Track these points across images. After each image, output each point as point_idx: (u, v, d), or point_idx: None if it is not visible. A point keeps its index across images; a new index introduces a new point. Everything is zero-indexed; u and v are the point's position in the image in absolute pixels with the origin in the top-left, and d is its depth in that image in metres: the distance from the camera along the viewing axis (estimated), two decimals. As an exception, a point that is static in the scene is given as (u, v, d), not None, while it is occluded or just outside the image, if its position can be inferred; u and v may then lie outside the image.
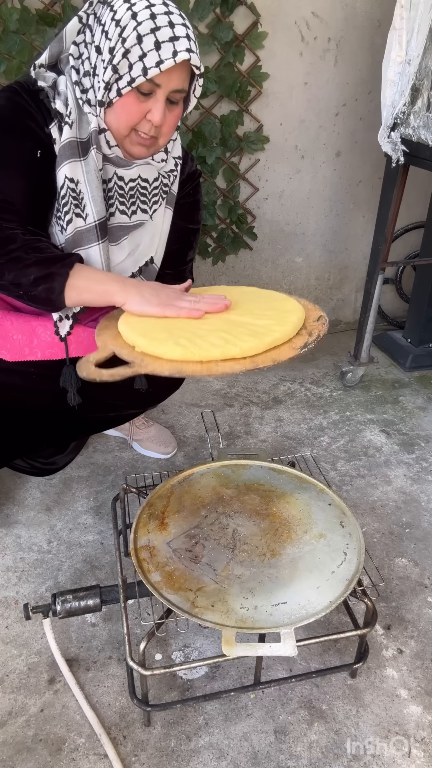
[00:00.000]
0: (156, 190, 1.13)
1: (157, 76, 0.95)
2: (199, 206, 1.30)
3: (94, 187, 1.05)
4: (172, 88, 0.99)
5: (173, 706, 1.01)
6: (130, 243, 1.14)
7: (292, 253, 2.28)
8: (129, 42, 0.93)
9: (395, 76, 1.54)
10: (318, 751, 0.97)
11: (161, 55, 0.94)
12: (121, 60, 0.94)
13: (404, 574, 1.31)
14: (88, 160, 1.03)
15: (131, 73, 0.95)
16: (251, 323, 0.97)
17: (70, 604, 1.00)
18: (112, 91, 0.98)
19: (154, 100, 0.99)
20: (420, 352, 2.17)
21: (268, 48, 1.84)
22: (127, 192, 1.09)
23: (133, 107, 0.99)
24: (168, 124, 1.03)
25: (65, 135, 1.01)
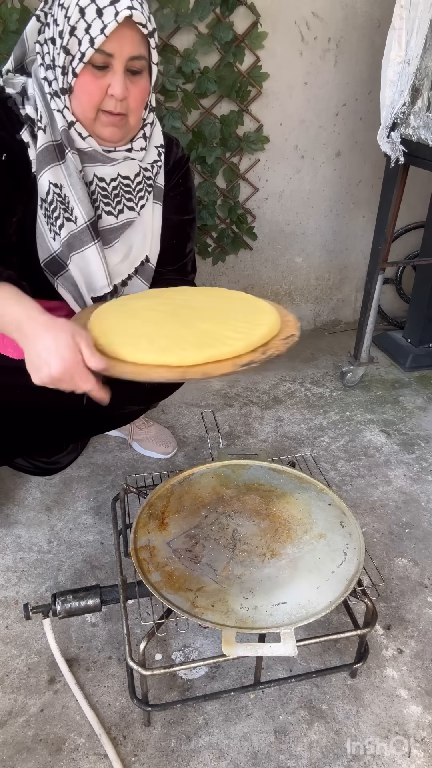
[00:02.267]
0: (140, 185, 1.11)
1: (107, 44, 0.92)
2: (191, 194, 1.26)
3: (78, 188, 1.03)
4: (127, 55, 0.95)
5: (173, 706, 1.01)
6: (123, 245, 1.13)
7: (292, 253, 2.28)
8: (73, 19, 0.91)
9: (395, 76, 1.54)
10: (318, 751, 0.97)
11: (104, 20, 0.91)
12: (69, 39, 0.92)
13: (404, 574, 1.31)
14: (67, 163, 1.02)
15: (80, 49, 0.93)
16: (212, 331, 0.94)
17: (70, 604, 1.00)
18: (69, 74, 0.96)
19: (112, 72, 0.95)
20: (420, 352, 2.17)
21: (268, 48, 1.84)
22: (110, 192, 1.07)
23: (91, 85, 0.96)
24: (134, 97, 0.99)
25: (41, 140, 1.00)
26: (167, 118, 1.81)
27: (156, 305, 1.04)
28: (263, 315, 1.02)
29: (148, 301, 1.06)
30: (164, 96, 1.80)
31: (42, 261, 1.08)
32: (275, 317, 1.02)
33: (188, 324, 0.96)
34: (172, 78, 1.76)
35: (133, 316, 0.99)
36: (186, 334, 0.93)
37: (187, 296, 1.09)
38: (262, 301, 1.09)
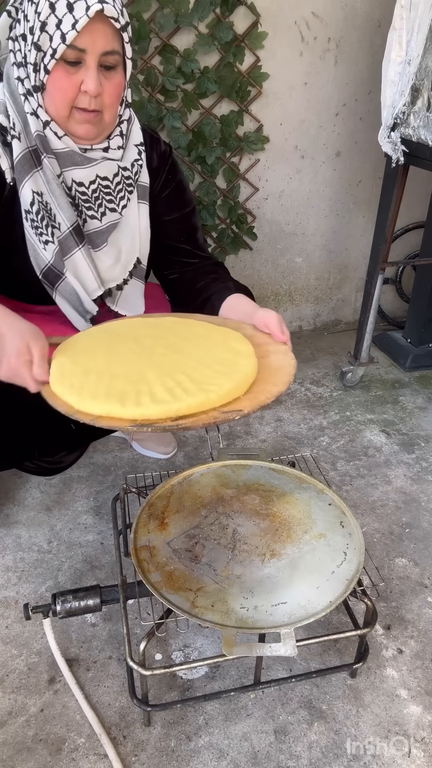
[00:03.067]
0: (119, 185, 1.09)
1: (78, 39, 0.90)
2: (184, 185, 1.24)
3: (58, 195, 1.02)
4: (100, 50, 0.93)
5: (173, 706, 1.01)
6: (112, 248, 1.12)
7: (292, 253, 2.28)
8: (44, 14, 0.90)
9: (395, 76, 1.54)
10: (318, 751, 0.97)
11: (75, 15, 0.89)
12: (40, 35, 0.91)
13: (404, 574, 1.31)
14: (44, 169, 1.00)
15: (52, 45, 0.91)
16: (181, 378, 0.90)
17: (70, 604, 1.00)
18: (41, 71, 0.94)
19: (85, 68, 0.93)
20: (420, 352, 2.17)
21: (268, 48, 1.84)
22: (91, 196, 1.06)
23: (64, 82, 0.94)
24: (108, 93, 0.97)
25: (17, 149, 0.98)
26: (167, 118, 1.81)
27: (132, 342, 1.01)
28: (235, 374, 0.93)
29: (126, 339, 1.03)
30: (164, 96, 1.80)
31: (39, 273, 1.07)
32: (248, 373, 0.94)
33: (165, 360, 0.94)
34: (172, 78, 1.76)
35: (102, 351, 0.98)
36: (142, 379, 0.89)
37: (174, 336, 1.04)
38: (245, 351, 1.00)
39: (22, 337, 0.91)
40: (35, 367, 0.90)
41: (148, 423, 0.80)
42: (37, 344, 0.91)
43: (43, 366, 0.91)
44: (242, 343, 1.02)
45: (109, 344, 1.01)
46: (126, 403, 0.84)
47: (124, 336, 1.04)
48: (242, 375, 0.92)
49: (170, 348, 0.99)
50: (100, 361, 0.95)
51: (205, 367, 0.93)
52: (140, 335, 1.04)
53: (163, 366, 0.93)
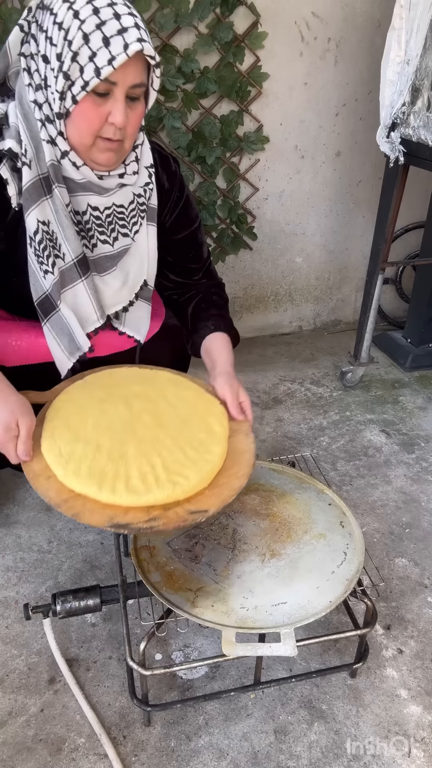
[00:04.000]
0: (133, 211, 1.08)
1: (112, 74, 0.89)
2: (191, 202, 1.23)
3: (65, 226, 1.00)
4: (130, 83, 0.92)
5: (173, 706, 1.01)
6: (120, 272, 1.11)
7: (292, 253, 2.28)
8: (76, 44, 0.87)
9: (394, 76, 1.54)
10: (318, 751, 0.97)
11: (112, 50, 0.87)
12: (71, 65, 0.88)
13: (404, 574, 1.31)
14: (54, 198, 0.98)
15: (83, 77, 0.89)
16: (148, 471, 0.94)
17: (70, 604, 1.00)
18: (67, 100, 0.91)
19: (113, 100, 0.92)
20: (420, 352, 2.17)
21: (268, 48, 1.84)
22: (105, 221, 1.05)
23: (91, 112, 0.92)
24: (132, 123, 0.97)
25: (27, 177, 0.96)
26: (167, 118, 1.81)
27: (122, 404, 1.05)
28: (209, 453, 0.99)
29: (117, 398, 1.07)
30: (164, 96, 1.80)
31: (35, 300, 1.06)
32: (218, 457, 0.99)
33: (147, 439, 0.99)
34: (172, 78, 1.76)
35: (93, 411, 1.02)
36: (120, 468, 0.94)
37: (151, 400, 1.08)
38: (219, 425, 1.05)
39: (12, 412, 0.95)
40: (20, 443, 0.95)
41: (124, 525, 0.87)
42: (24, 421, 0.96)
43: (27, 444, 0.96)
44: (220, 421, 1.06)
45: (101, 403, 1.05)
46: (103, 486, 0.90)
47: (116, 394, 1.08)
48: (209, 467, 0.96)
49: (155, 418, 1.04)
50: (89, 426, 0.99)
51: (179, 450, 0.98)
52: (132, 395, 1.08)
53: (144, 442, 0.98)
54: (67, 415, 1.01)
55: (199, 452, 0.97)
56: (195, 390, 1.13)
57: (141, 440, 0.98)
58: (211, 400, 1.11)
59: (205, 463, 0.95)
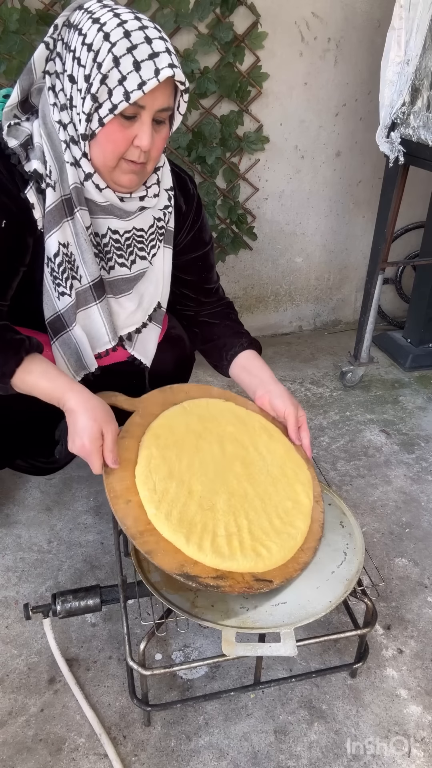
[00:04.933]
0: (152, 235, 1.09)
1: (141, 98, 0.88)
2: (205, 222, 1.23)
3: (84, 249, 1.00)
4: (158, 107, 0.91)
5: (173, 706, 1.01)
6: (135, 294, 1.11)
7: (292, 253, 2.28)
8: (105, 66, 0.86)
9: (394, 76, 1.54)
10: (318, 751, 0.97)
11: (142, 75, 0.86)
12: (99, 87, 0.87)
13: (404, 574, 1.31)
14: (75, 220, 0.98)
15: (112, 99, 0.88)
16: (253, 525, 0.97)
17: (70, 604, 1.00)
18: (94, 122, 0.91)
19: (140, 123, 0.91)
20: (420, 352, 2.17)
21: (268, 48, 1.84)
22: (123, 243, 1.05)
23: (118, 135, 0.91)
24: (156, 146, 0.96)
25: (50, 198, 0.95)
26: (167, 118, 1.81)
27: (216, 444, 1.07)
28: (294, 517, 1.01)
29: (212, 437, 1.08)
30: (164, 96, 1.80)
31: (47, 319, 1.06)
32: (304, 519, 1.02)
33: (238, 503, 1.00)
34: (172, 78, 1.76)
35: (189, 447, 1.04)
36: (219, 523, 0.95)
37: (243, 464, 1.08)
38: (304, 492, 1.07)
39: (95, 420, 0.94)
40: (108, 453, 0.95)
41: (193, 576, 0.88)
42: (109, 429, 0.96)
43: (114, 452, 0.96)
44: (306, 491, 1.07)
45: (197, 439, 1.06)
46: (190, 540, 0.91)
47: (212, 430, 1.09)
48: (292, 543, 0.98)
49: (246, 468, 1.05)
50: (184, 463, 1.01)
51: (266, 516, 0.99)
52: (226, 435, 1.10)
53: (234, 496, 1.00)
54: (165, 445, 1.02)
55: (284, 523, 0.99)
56: (285, 444, 1.15)
57: (231, 493, 1.00)
58: (299, 462, 1.12)
59: (288, 538, 0.97)
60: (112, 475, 0.96)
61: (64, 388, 0.96)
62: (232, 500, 0.99)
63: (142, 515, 0.93)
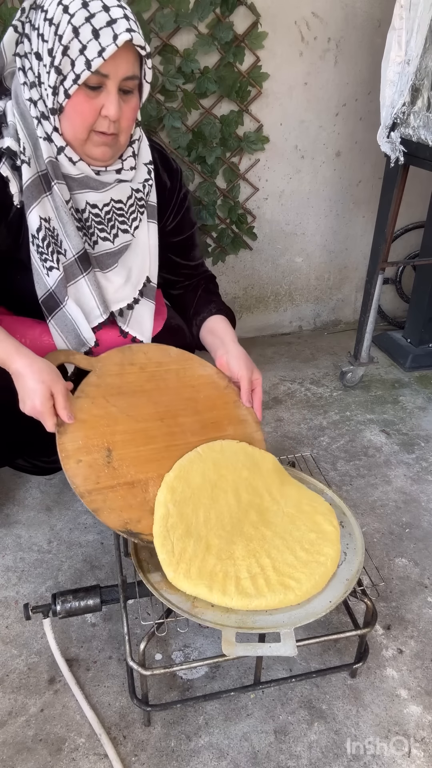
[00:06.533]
0: (132, 207, 1.09)
1: (103, 66, 0.89)
2: (190, 205, 1.25)
3: (66, 221, 1.01)
4: (122, 75, 0.93)
5: (173, 706, 1.01)
6: (122, 268, 1.12)
7: (292, 253, 2.28)
8: (66, 38, 0.88)
9: (394, 76, 1.54)
10: (318, 751, 0.97)
11: (101, 42, 0.88)
12: (62, 59, 0.89)
13: (404, 574, 1.31)
14: (53, 195, 0.99)
15: (75, 70, 0.90)
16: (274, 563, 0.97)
17: (70, 604, 1.00)
18: (60, 95, 0.92)
19: (106, 93, 0.93)
20: (420, 352, 2.17)
21: (268, 48, 1.84)
22: (104, 218, 1.05)
23: (84, 106, 0.93)
24: (126, 117, 0.97)
25: (26, 174, 0.97)
26: (167, 118, 1.81)
27: (231, 494, 1.07)
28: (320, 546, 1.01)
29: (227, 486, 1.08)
30: (164, 96, 1.80)
31: (40, 298, 1.07)
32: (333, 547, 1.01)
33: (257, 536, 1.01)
34: (172, 78, 1.76)
35: (205, 498, 1.04)
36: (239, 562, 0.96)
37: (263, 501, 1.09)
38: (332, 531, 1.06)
39: (43, 382, 0.96)
40: (62, 410, 0.98)
41: (135, 533, 0.95)
42: (58, 388, 0.97)
43: (67, 408, 0.98)
44: (329, 520, 1.06)
45: (212, 488, 1.06)
46: (213, 588, 0.92)
47: (228, 478, 1.09)
48: (322, 569, 0.96)
49: (262, 516, 1.06)
50: (200, 517, 1.01)
51: (289, 550, 0.99)
52: (240, 482, 1.09)
53: (252, 541, 1.00)
54: (181, 500, 1.02)
55: (311, 553, 0.99)
56: (295, 485, 1.15)
57: (249, 539, 1.00)
58: (314, 497, 1.13)
59: (317, 566, 0.96)
60: (65, 435, 0.99)
61: (9, 351, 0.97)
62: (251, 545, 0.99)
63: (91, 475, 0.98)
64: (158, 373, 1.15)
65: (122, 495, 0.99)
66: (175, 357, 1.19)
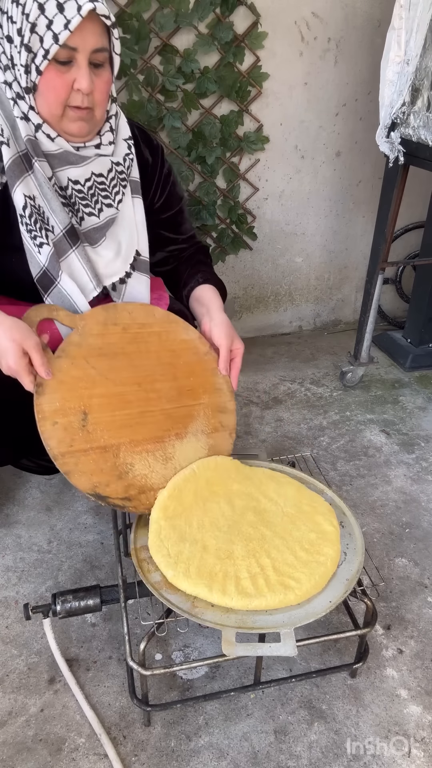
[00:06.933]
0: (114, 180, 1.11)
1: (70, 39, 0.92)
2: (175, 176, 1.27)
3: (50, 198, 1.03)
4: (91, 48, 0.94)
5: (173, 706, 1.01)
6: (111, 241, 1.13)
7: (292, 253, 2.28)
8: (33, 15, 0.91)
9: (394, 76, 1.54)
10: (318, 751, 0.97)
11: (66, 15, 0.90)
12: (30, 36, 0.92)
13: (404, 574, 1.31)
14: (35, 173, 1.01)
15: (43, 45, 0.92)
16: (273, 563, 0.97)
17: (70, 604, 1.00)
18: (32, 73, 0.95)
19: (77, 67, 0.95)
20: (420, 352, 2.17)
21: (268, 48, 1.84)
22: (87, 193, 1.07)
23: (57, 81, 0.95)
24: (99, 90, 0.99)
25: (7, 155, 0.99)
26: (167, 118, 1.81)
27: (225, 502, 1.09)
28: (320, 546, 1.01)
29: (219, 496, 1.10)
30: (164, 96, 1.80)
31: (35, 277, 1.08)
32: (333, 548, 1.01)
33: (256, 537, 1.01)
34: (172, 78, 1.76)
35: (197, 510, 1.06)
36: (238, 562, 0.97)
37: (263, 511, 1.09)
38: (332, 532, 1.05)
39: (14, 340, 0.96)
40: (39, 366, 0.98)
41: (105, 496, 1.00)
42: (30, 344, 0.97)
43: (45, 365, 0.99)
44: (329, 520, 1.07)
45: (205, 502, 1.08)
46: (213, 587, 0.92)
47: (218, 492, 1.11)
48: (322, 569, 0.96)
49: (259, 515, 1.06)
50: (194, 525, 1.03)
51: (289, 550, 0.99)
52: (233, 492, 1.11)
53: (252, 541, 1.00)
54: (172, 516, 1.04)
55: (311, 553, 0.99)
56: (294, 485, 1.16)
57: (248, 539, 1.01)
58: (314, 497, 1.13)
59: (317, 566, 0.97)
60: (42, 396, 1.00)
61: None
62: (250, 545, 0.99)
63: (65, 437, 1.00)
64: (141, 336, 1.14)
65: (94, 459, 1.02)
66: (159, 318, 1.17)
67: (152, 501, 1.05)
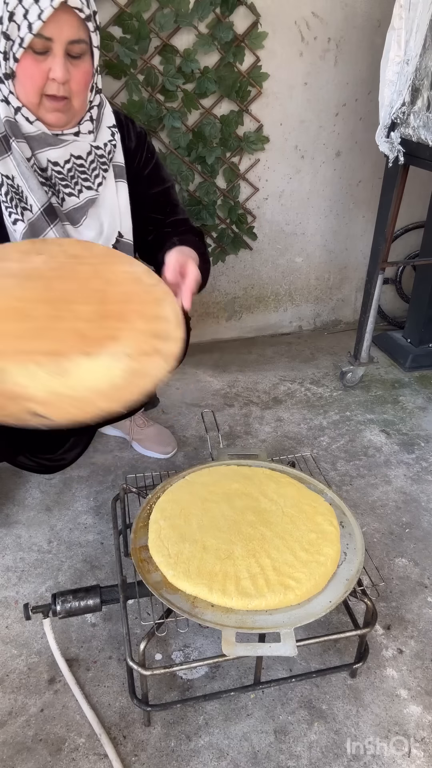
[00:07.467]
0: (93, 164, 1.13)
1: (45, 29, 0.94)
2: (161, 164, 1.29)
3: (28, 177, 1.06)
4: (66, 39, 0.97)
5: (173, 706, 1.01)
6: (93, 221, 1.15)
7: (292, 253, 2.28)
8: (11, 4, 0.94)
9: (393, 76, 1.54)
10: (318, 751, 0.97)
11: (41, 5, 0.93)
12: (8, 24, 0.95)
13: (404, 574, 1.31)
14: (14, 153, 1.04)
15: (20, 34, 0.95)
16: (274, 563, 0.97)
17: (70, 604, 1.00)
18: (10, 60, 0.98)
19: (53, 56, 0.98)
20: (420, 352, 2.17)
21: (268, 48, 1.84)
22: (66, 174, 1.10)
23: (33, 69, 0.98)
24: (76, 80, 1.01)
25: None
26: (167, 118, 1.81)
27: (225, 503, 1.08)
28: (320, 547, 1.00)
29: (219, 497, 1.10)
30: (164, 96, 1.80)
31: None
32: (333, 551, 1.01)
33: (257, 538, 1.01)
34: (172, 78, 1.76)
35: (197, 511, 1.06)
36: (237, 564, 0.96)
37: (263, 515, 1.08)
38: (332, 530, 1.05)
39: None
40: None
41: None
42: None
43: None
44: (329, 520, 1.07)
45: (203, 502, 1.08)
46: (213, 587, 0.92)
47: (218, 492, 1.11)
48: (322, 569, 0.96)
49: (259, 516, 1.06)
50: (194, 526, 1.03)
51: (289, 550, 0.99)
52: (232, 492, 1.11)
53: (252, 541, 1.00)
54: (171, 516, 1.04)
55: (311, 553, 0.99)
56: (294, 485, 1.15)
57: (248, 539, 1.01)
58: (314, 497, 1.13)
59: (317, 566, 0.96)
60: None
61: None
62: (250, 545, 0.99)
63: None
64: (68, 264, 1.05)
65: None
66: (97, 252, 1.09)
67: (22, 411, 0.87)
